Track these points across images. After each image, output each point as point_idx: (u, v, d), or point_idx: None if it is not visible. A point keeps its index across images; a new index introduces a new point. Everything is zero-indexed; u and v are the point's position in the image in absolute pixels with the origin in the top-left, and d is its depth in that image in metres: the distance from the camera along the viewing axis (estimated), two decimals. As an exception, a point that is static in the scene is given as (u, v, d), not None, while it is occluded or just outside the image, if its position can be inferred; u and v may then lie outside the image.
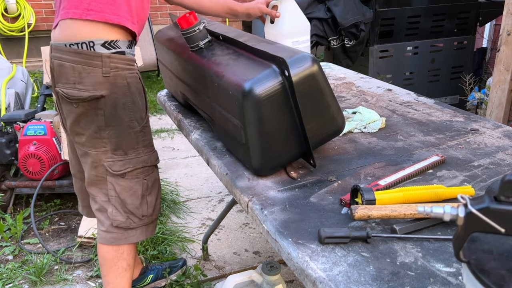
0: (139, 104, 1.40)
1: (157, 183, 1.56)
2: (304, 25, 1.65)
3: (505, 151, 1.21)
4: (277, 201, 1.02)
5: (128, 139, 1.41)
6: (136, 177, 1.46)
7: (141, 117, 1.42)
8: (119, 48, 1.34)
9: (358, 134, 1.37)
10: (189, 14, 1.28)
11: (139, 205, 1.48)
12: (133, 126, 1.40)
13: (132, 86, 1.37)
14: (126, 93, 1.36)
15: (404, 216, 0.88)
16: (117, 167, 1.42)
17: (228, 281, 1.54)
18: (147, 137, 1.47)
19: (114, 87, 1.33)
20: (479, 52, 3.87)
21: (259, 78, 1.04)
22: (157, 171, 1.55)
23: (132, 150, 1.43)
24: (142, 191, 1.48)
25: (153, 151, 1.52)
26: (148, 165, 1.48)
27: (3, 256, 2.24)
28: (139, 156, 1.45)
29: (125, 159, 1.43)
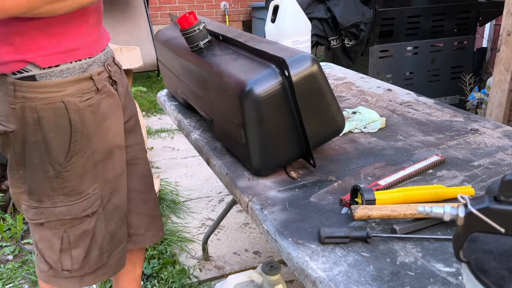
0: (54, 144, 1.09)
1: (89, 235, 1.21)
2: (304, 24, 1.65)
3: (505, 151, 1.21)
4: (277, 201, 1.02)
5: (39, 184, 1.14)
6: (54, 228, 1.18)
7: (57, 160, 1.11)
8: (27, 72, 1.03)
9: (358, 134, 1.37)
10: (189, 14, 1.28)
11: (58, 260, 1.21)
12: (45, 170, 1.12)
13: (44, 121, 1.06)
14: (36, 130, 1.07)
15: (404, 216, 0.88)
16: (30, 214, 1.18)
17: (228, 281, 1.54)
18: (69, 184, 1.14)
19: (23, 121, 1.07)
20: (479, 52, 3.87)
21: (259, 78, 1.04)
22: (91, 221, 1.20)
23: (46, 197, 1.15)
24: (60, 245, 1.19)
25: (82, 199, 1.17)
26: (66, 218, 1.16)
27: (3, 256, 2.25)
28: (55, 206, 1.15)
29: (40, 207, 1.16)
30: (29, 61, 1.02)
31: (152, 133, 3.78)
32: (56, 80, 1.05)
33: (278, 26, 1.61)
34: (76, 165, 1.13)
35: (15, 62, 1.02)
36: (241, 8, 6.22)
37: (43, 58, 1.03)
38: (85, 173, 1.16)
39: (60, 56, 1.05)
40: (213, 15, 6.08)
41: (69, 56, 1.06)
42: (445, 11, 3.17)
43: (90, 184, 1.17)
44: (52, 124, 1.08)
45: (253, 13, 5.94)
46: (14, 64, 1.02)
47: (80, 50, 1.08)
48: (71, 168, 1.13)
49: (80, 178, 1.15)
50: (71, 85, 1.08)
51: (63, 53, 1.05)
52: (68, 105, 1.08)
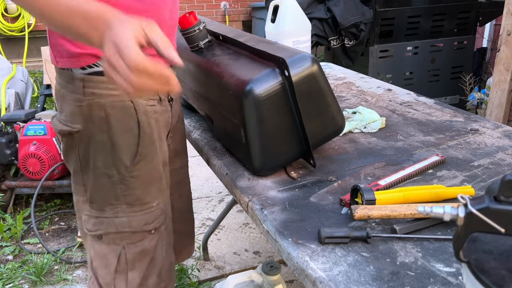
0: (121, 145, 1.01)
1: (148, 256, 1.09)
2: (304, 24, 1.65)
3: (505, 151, 1.21)
4: (277, 201, 1.02)
5: (102, 191, 1.03)
6: (113, 242, 1.06)
7: (123, 163, 1.01)
8: (98, 67, 0.96)
9: (358, 134, 1.37)
10: (189, 14, 1.28)
11: (111, 282, 1.07)
12: (110, 174, 1.02)
13: (113, 119, 0.99)
14: (102, 129, 0.99)
15: (404, 216, 0.88)
16: (90, 225, 1.06)
17: (228, 281, 1.54)
18: (133, 192, 1.04)
19: (89, 120, 0.99)
20: (479, 52, 3.87)
21: (259, 78, 1.04)
22: (152, 239, 1.09)
23: (109, 206, 1.04)
24: (116, 265, 1.07)
25: (144, 211, 1.06)
26: (126, 230, 1.05)
27: (3, 256, 2.25)
28: (116, 216, 1.04)
29: (99, 217, 1.05)
30: (99, 56, 0.90)
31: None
32: None
33: (278, 26, 1.61)
34: (142, 171, 1.04)
35: (85, 55, 0.94)
36: (241, 8, 6.22)
37: None
38: (151, 182, 1.06)
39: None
40: (213, 15, 6.08)
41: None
42: (445, 11, 3.17)
43: (155, 196, 1.08)
44: (120, 123, 1.00)
45: (253, 13, 5.94)
46: (84, 57, 0.94)
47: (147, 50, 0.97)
48: (137, 174, 1.03)
49: (145, 187, 1.05)
50: None
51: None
52: (137, 105, 1.01)
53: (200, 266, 2.11)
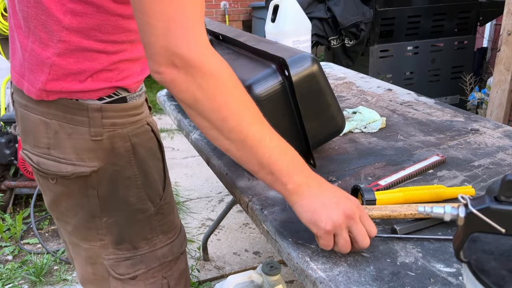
0: (153, 174, 0.93)
1: (184, 277, 1.05)
2: (304, 24, 1.65)
3: (505, 151, 1.21)
4: (277, 201, 1.02)
5: (137, 228, 0.93)
6: (152, 277, 0.97)
7: (158, 193, 0.94)
8: (118, 96, 0.86)
9: (358, 134, 1.36)
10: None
11: None
12: (144, 209, 0.93)
13: (140, 148, 0.90)
14: (131, 162, 0.89)
15: (404, 216, 0.88)
16: (123, 269, 0.95)
17: (228, 281, 1.54)
18: (167, 218, 0.98)
19: (112, 155, 0.87)
20: (479, 52, 3.87)
21: (258, 77, 1.04)
22: (183, 258, 1.05)
23: (144, 242, 0.95)
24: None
25: (177, 235, 1.01)
26: (169, 259, 0.99)
27: (2, 256, 2.24)
28: (156, 249, 0.96)
29: (135, 256, 0.94)
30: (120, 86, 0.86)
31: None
32: (139, 101, 0.91)
33: (278, 26, 1.61)
34: (169, 194, 0.98)
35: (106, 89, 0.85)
36: (241, 8, 6.22)
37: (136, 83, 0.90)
38: (174, 204, 1.02)
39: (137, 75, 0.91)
40: (213, 15, 6.08)
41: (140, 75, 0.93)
42: (446, 11, 3.16)
43: (177, 215, 1.05)
44: (146, 151, 0.91)
45: (253, 13, 5.94)
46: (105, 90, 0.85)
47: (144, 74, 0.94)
48: (168, 199, 0.97)
49: (173, 210, 1.01)
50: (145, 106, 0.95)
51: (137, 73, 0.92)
52: (152, 126, 0.94)
53: (200, 266, 2.10)
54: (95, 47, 0.81)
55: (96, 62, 0.82)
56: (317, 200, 0.75)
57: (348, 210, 0.74)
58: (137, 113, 0.90)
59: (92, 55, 0.81)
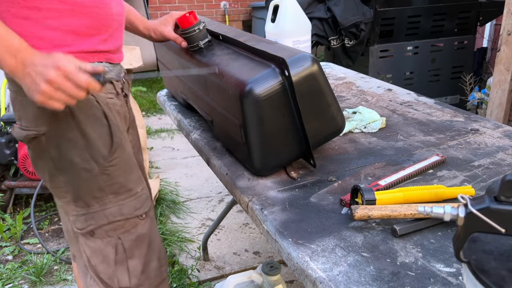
0: (94, 137, 1.03)
1: (145, 241, 1.12)
2: (304, 24, 1.65)
3: (505, 151, 1.21)
4: (277, 201, 1.02)
5: (85, 186, 1.04)
6: (107, 235, 1.08)
7: (101, 154, 1.03)
8: None
9: (358, 134, 1.36)
10: (189, 14, 1.27)
11: (113, 274, 1.09)
12: (89, 168, 1.03)
13: (79, 114, 1.00)
14: (71, 125, 1.00)
15: (404, 216, 0.88)
16: (80, 223, 1.07)
17: (228, 281, 1.54)
18: (116, 180, 1.06)
19: (54, 120, 0.99)
20: (479, 52, 3.87)
21: (259, 78, 1.04)
22: (145, 223, 1.12)
23: (94, 200, 1.05)
24: (115, 256, 1.09)
25: (132, 197, 1.09)
26: (118, 219, 1.07)
27: (2, 256, 2.24)
28: (105, 208, 1.06)
29: (88, 213, 1.06)
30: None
31: (152, 133, 3.78)
32: None
33: (278, 26, 1.61)
34: (120, 159, 1.07)
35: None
36: (241, 8, 6.22)
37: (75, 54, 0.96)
38: (130, 169, 1.10)
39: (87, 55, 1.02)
40: (213, 15, 6.07)
41: (93, 56, 1.04)
42: (445, 11, 3.16)
43: (138, 182, 1.12)
44: (87, 116, 1.02)
45: (253, 13, 5.94)
46: None
47: (100, 54, 1.05)
48: (117, 162, 1.06)
49: (126, 174, 1.09)
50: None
51: (90, 53, 1.02)
52: (98, 98, 1.03)
53: (200, 266, 2.10)
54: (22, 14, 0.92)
55: (26, 27, 0.93)
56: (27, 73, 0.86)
57: (46, 72, 0.85)
58: None
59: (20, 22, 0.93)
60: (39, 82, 0.85)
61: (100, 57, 1.05)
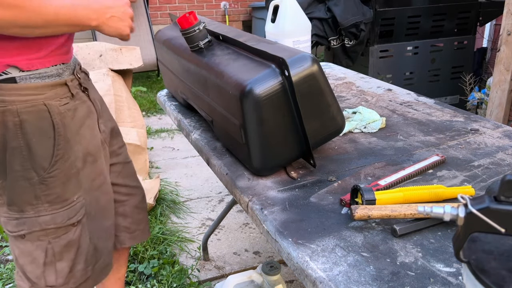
0: (37, 149, 1.06)
1: (74, 247, 1.18)
2: (304, 24, 1.65)
3: (505, 151, 1.21)
4: (277, 201, 1.02)
5: (21, 193, 1.08)
6: (38, 239, 1.13)
7: (41, 165, 1.07)
8: (7, 75, 1.00)
9: (358, 134, 1.37)
10: (189, 14, 1.28)
11: (41, 275, 1.15)
12: (28, 177, 1.07)
13: (27, 124, 1.03)
14: (17, 135, 1.03)
15: (404, 216, 0.88)
16: (11, 226, 1.12)
17: (228, 281, 1.54)
18: (53, 190, 1.10)
19: (2, 127, 1.02)
20: (479, 52, 3.87)
21: (259, 78, 1.04)
22: (76, 230, 1.18)
23: (29, 206, 1.10)
24: (44, 259, 1.14)
25: (66, 207, 1.14)
26: (51, 227, 1.12)
27: (3, 256, 2.25)
28: (39, 215, 1.11)
29: (21, 218, 1.11)
30: (11, 65, 1.00)
31: (152, 133, 3.78)
32: (35, 83, 1.04)
33: (278, 26, 1.61)
34: (60, 171, 1.10)
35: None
36: (241, 8, 6.22)
37: (27, 61, 1.01)
38: (69, 179, 1.13)
39: (41, 60, 1.04)
40: (213, 15, 6.07)
41: (47, 61, 1.06)
42: (445, 11, 3.17)
43: (74, 191, 1.15)
44: (35, 128, 1.05)
45: (253, 13, 5.94)
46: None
47: (56, 56, 1.08)
48: (56, 173, 1.10)
49: (64, 185, 1.12)
50: (49, 89, 1.06)
51: (43, 58, 1.04)
52: (50, 107, 1.06)
53: (200, 266, 2.11)
54: None
55: None
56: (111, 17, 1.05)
57: (128, 10, 1.07)
58: (30, 93, 1.03)
59: None
60: (126, 19, 1.07)
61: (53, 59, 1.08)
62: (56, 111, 1.07)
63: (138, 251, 2.14)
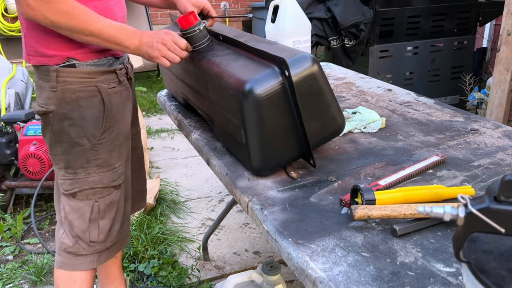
0: (90, 119, 1.29)
1: (115, 207, 1.39)
2: (304, 24, 1.65)
3: (505, 151, 1.21)
4: (277, 201, 1.02)
5: (76, 157, 1.31)
6: (86, 198, 1.34)
7: (93, 134, 1.30)
8: (69, 62, 1.25)
9: (358, 134, 1.37)
10: (189, 14, 1.28)
11: (87, 229, 1.35)
12: (81, 144, 1.29)
13: (82, 100, 1.27)
14: (74, 108, 1.27)
15: (404, 216, 0.88)
16: (66, 185, 1.33)
17: (228, 281, 1.54)
18: (101, 156, 1.32)
19: (62, 102, 1.26)
20: (479, 52, 3.87)
21: (259, 78, 1.04)
22: (117, 193, 1.39)
23: (81, 169, 1.32)
24: (90, 214, 1.34)
25: (111, 171, 1.36)
26: (98, 186, 1.34)
27: (3, 256, 2.25)
28: (89, 176, 1.32)
29: (74, 178, 1.32)
30: (70, 57, 1.25)
31: (152, 133, 3.78)
32: (90, 69, 1.27)
33: (278, 26, 1.61)
34: (107, 139, 1.33)
35: (59, 57, 1.24)
36: (241, 8, 6.22)
37: (83, 54, 1.26)
38: (113, 149, 1.35)
39: (94, 54, 1.28)
40: (213, 15, 6.06)
41: (100, 54, 1.29)
42: (445, 11, 3.16)
43: (117, 159, 1.37)
44: (88, 102, 1.28)
45: (253, 13, 5.94)
46: (58, 58, 1.24)
47: (107, 51, 1.31)
48: (104, 141, 1.32)
49: (110, 152, 1.34)
50: (101, 75, 1.30)
51: (95, 53, 1.28)
52: (100, 88, 1.29)
53: (200, 266, 2.11)
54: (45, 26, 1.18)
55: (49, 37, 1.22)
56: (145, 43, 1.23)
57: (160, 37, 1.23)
58: (85, 76, 1.27)
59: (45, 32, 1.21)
60: (156, 45, 1.22)
61: (106, 54, 1.31)
62: (105, 92, 1.30)
63: (138, 251, 2.14)
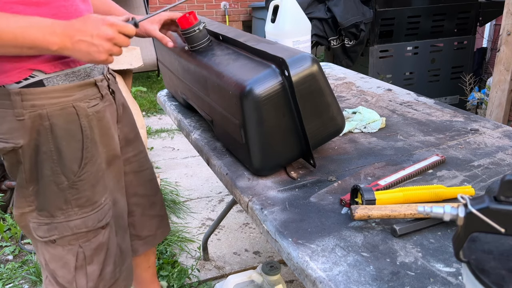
0: (66, 152, 1.05)
1: (104, 249, 1.18)
2: (304, 24, 1.65)
3: (505, 151, 1.21)
4: (277, 201, 1.02)
5: (52, 198, 1.08)
6: (69, 244, 1.12)
7: (71, 169, 1.07)
8: (33, 78, 0.99)
9: (358, 134, 1.37)
10: (189, 14, 1.28)
11: (72, 279, 1.15)
12: (58, 182, 1.07)
13: (57, 128, 1.03)
14: (48, 138, 1.03)
15: (404, 216, 0.88)
16: (42, 232, 1.11)
17: (228, 281, 1.54)
18: (83, 194, 1.10)
19: (33, 132, 1.01)
20: (479, 52, 3.87)
21: (259, 78, 1.04)
22: (105, 233, 1.18)
23: (59, 211, 1.09)
24: (75, 262, 1.14)
25: (95, 210, 1.13)
26: (82, 231, 1.12)
27: (3, 256, 2.25)
28: (69, 220, 1.10)
29: (52, 223, 1.10)
30: (34, 68, 0.99)
31: (152, 133, 3.78)
32: (63, 85, 1.03)
33: (278, 26, 1.61)
34: (89, 174, 1.10)
35: (18, 70, 0.98)
36: (241, 8, 6.22)
37: (49, 64, 1.00)
38: (97, 182, 1.13)
39: (63, 61, 1.03)
40: (213, 15, 6.07)
41: (71, 61, 1.05)
42: (445, 11, 3.17)
43: (102, 193, 1.15)
44: (64, 131, 1.04)
45: (253, 13, 5.94)
46: (17, 71, 0.98)
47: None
48: (85, 177, 1.10)
49: (93, 188, 1.12)
50: (78, 90, 1.06)
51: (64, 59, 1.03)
52: (79, 110, 1.05)
53: (200, 266, 2.11)
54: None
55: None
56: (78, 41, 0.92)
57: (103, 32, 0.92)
58: (58, 95, 1.02)
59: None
60: (99, 43, 0.92)
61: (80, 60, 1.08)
62: (84, 113, 1.07)
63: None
